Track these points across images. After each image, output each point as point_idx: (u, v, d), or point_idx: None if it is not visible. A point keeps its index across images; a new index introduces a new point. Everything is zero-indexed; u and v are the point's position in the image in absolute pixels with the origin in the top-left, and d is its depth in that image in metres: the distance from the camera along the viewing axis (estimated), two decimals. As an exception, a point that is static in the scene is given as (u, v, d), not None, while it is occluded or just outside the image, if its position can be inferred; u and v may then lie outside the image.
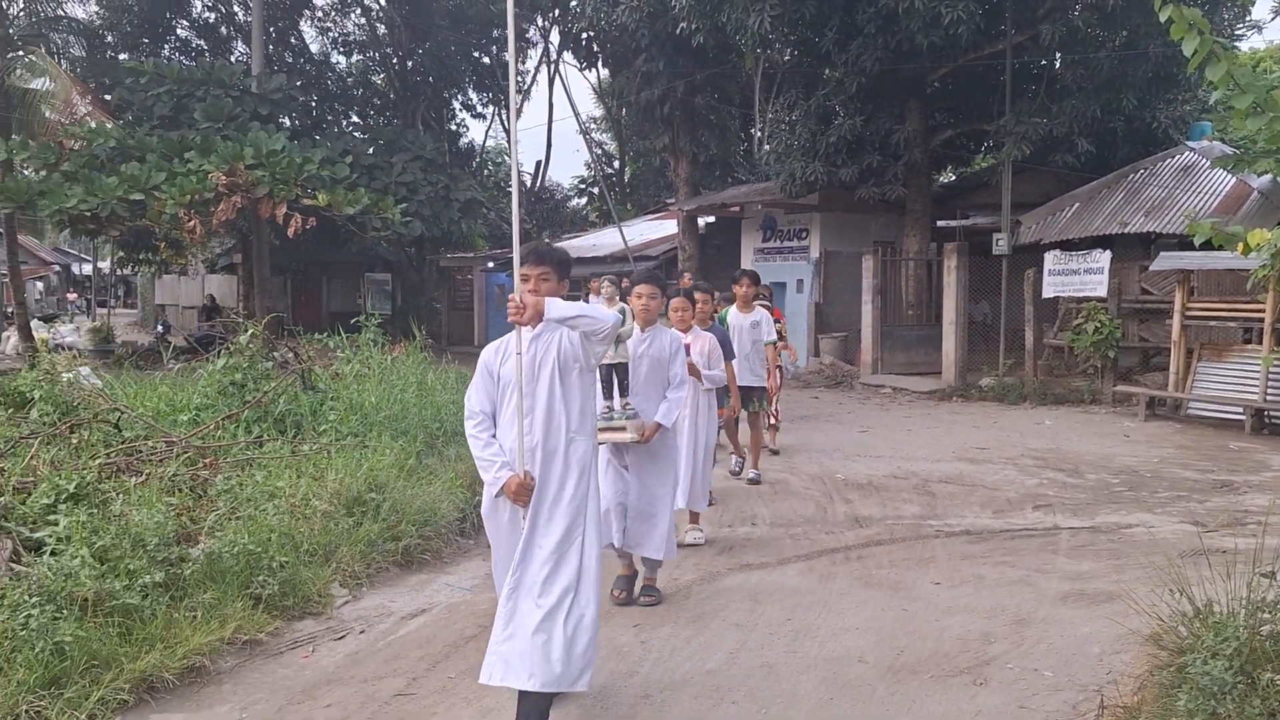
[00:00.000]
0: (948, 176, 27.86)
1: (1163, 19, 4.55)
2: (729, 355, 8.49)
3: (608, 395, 6.11)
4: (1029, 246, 18.37)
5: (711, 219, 26.53)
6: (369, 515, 7.39)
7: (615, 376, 6.15)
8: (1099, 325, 16.14)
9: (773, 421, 11.95)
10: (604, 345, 4.56)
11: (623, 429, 6.10)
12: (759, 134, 28.22)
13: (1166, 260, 14.84)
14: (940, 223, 21.27)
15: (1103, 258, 16.38)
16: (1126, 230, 16.83)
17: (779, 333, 11.68)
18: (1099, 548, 7.76)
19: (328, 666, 5.51)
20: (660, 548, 6.34)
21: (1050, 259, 17.16)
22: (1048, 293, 17.25)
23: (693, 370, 7.47)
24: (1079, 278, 16.69)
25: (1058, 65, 19.30)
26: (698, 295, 8.44)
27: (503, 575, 4.60)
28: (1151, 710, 4.40)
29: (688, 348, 7.39)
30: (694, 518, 8.01)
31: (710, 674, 5.32)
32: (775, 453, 11.85)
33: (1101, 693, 4.78)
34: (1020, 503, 9.43)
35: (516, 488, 4.46)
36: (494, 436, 4.63)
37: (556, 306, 4.32)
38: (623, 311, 6.10)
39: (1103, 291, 16.34)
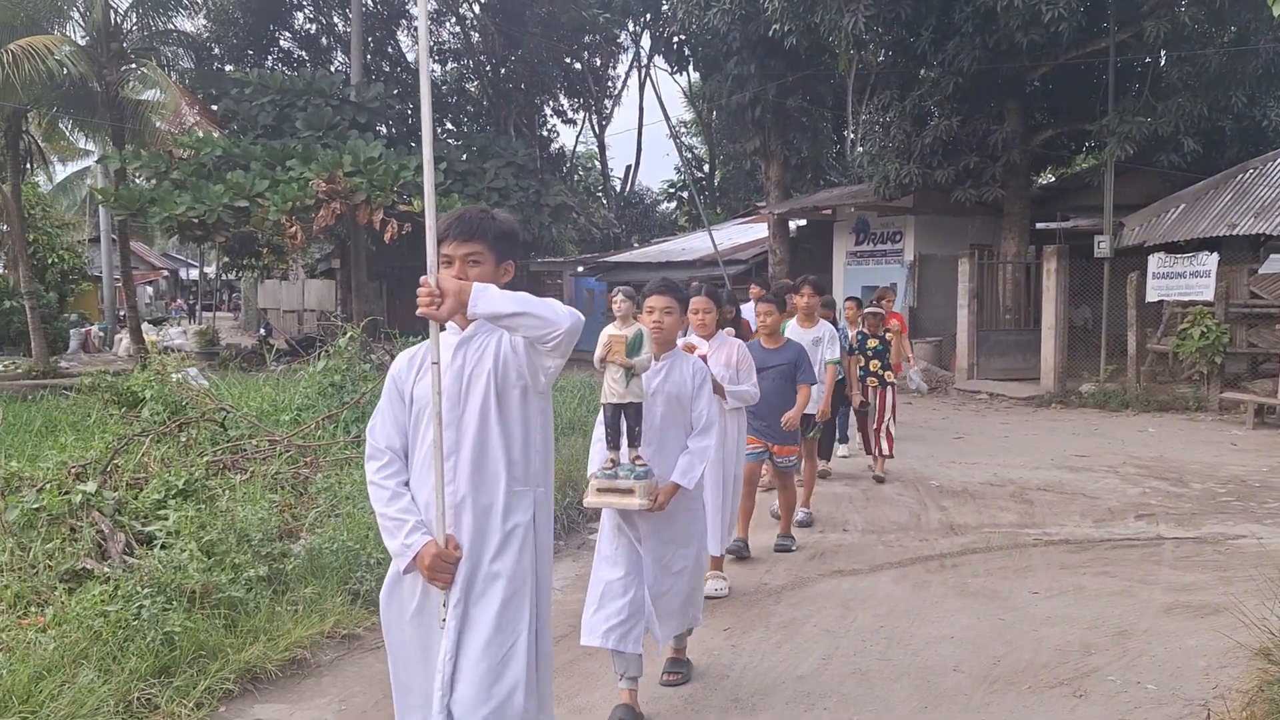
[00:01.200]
0: (1047, 178, 27.32)
1: (1276, 14, 4.42)
2: (807, 378, 7.52)
3: (613, 445, 4.64)
4: (1132, 249, 17.93)
5: (803, 222, 26.36)
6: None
7: (625, 420, 4.61)
8: (1205, 330, 15.69)
9: (885, 450, 10.70)
10: (557, 357, 3.15)
11: (630, 491, 4.63)
12: (852, 136, 27.99)
13: (1277, 263, 14.38)
14: (1039, 225, 20.85)
15: (1209, 260, 15.93)
16: (1235, 232, 16.32)
17: (882, 340, 10.89)
18: (1205, 559, 7.55)
19: (423, 664, 5.59)
20: (684, 619, 5.14)
21: (1154, 262, 16.74)
22: (1152, 296, 16.83)
23: (716, 388, 5.86)
24: (1184, 281, 16.26)
25: (1163, 63, 18.80)
26: (695, 303, 6.31)
27: (412, 706, 3.35)
28: (1260, 726, 4.27)
29: (704, 358, 5.71)
30: (715, 563, 6.71)
31: (801, 680, 5.29)
32: (881, 481, 10.58)
33: (1208, 707, 4.65)
34: (1122, 512, 9.21)
35: (432, 560, 3.16)
36: (405, 485, 3.32)
37: (487, 297, 2.99)
38: (640, 335, 4.57)
39: (1209, 295, 15.89)
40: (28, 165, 26.96)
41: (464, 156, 27.68)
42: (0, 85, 20.61)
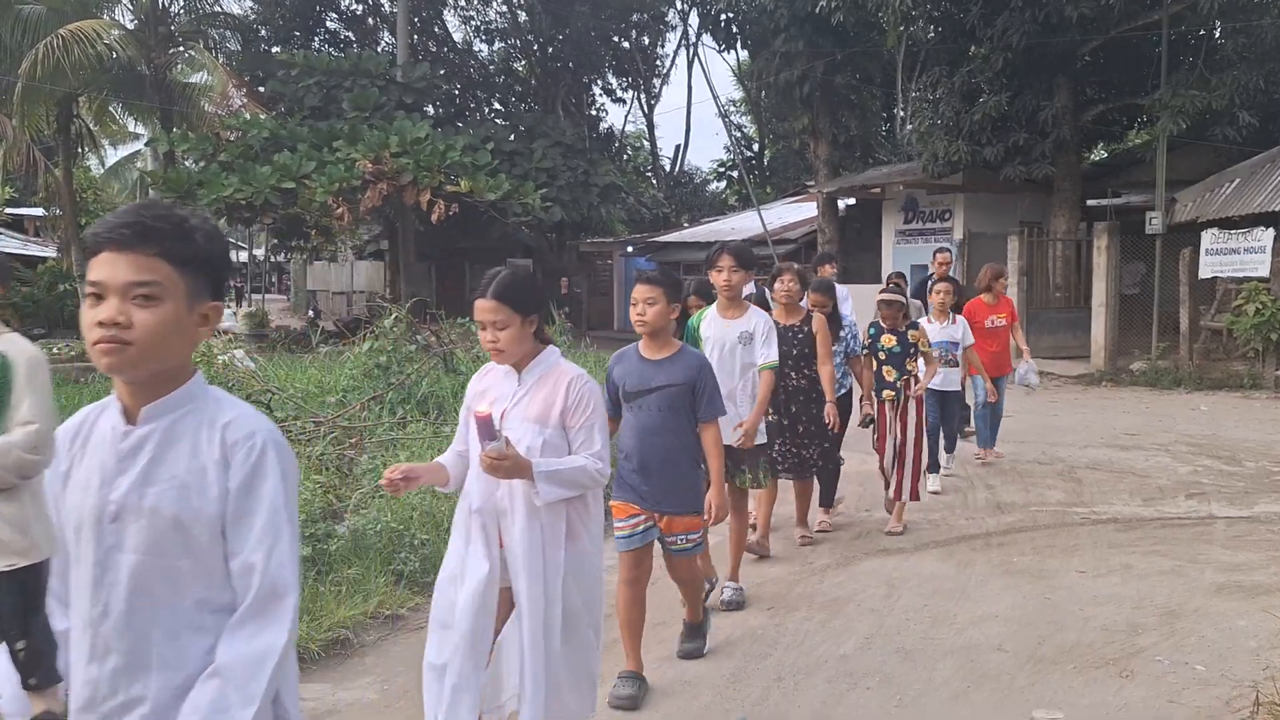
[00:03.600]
0: (1098, 154, 26.90)
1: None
2: (712, 411, 4.79)
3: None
4: (1185, 225, 17.63)
5: (852, 201, 26.19)
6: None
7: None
8: (1260, 307, 15.41)
9: (907, 492, 7.75)
10: None
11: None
12: (901, 114, 27.72)
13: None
14: (1090, 202, 20.58)
15: (1265, 236, 15.65)
16: (1292, 207, 16.02)
17: (903, 339, 7.86)
18: (1257, 538, 7.43)
19: (466, 642, 5.62)
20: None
21: (1208, 238, 16.47)
22: (1205, 273, 16.56)
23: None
24: (1239, 257, 15.99)
25: (1218, 35, 18.43)
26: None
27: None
28: (1311, 708, 4.20)
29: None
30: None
31: (844, 659, 5.26)
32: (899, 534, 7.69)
33: (1257, 689, 4.56)
34: (1173, 490, 9.08)
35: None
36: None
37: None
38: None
39: (1265, 271, 15.61)
40: (79, 149, 27.34)
41: (511, 137, 27.76)
42: (51, 70, 20.90)
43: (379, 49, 33.22)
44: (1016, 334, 10.47)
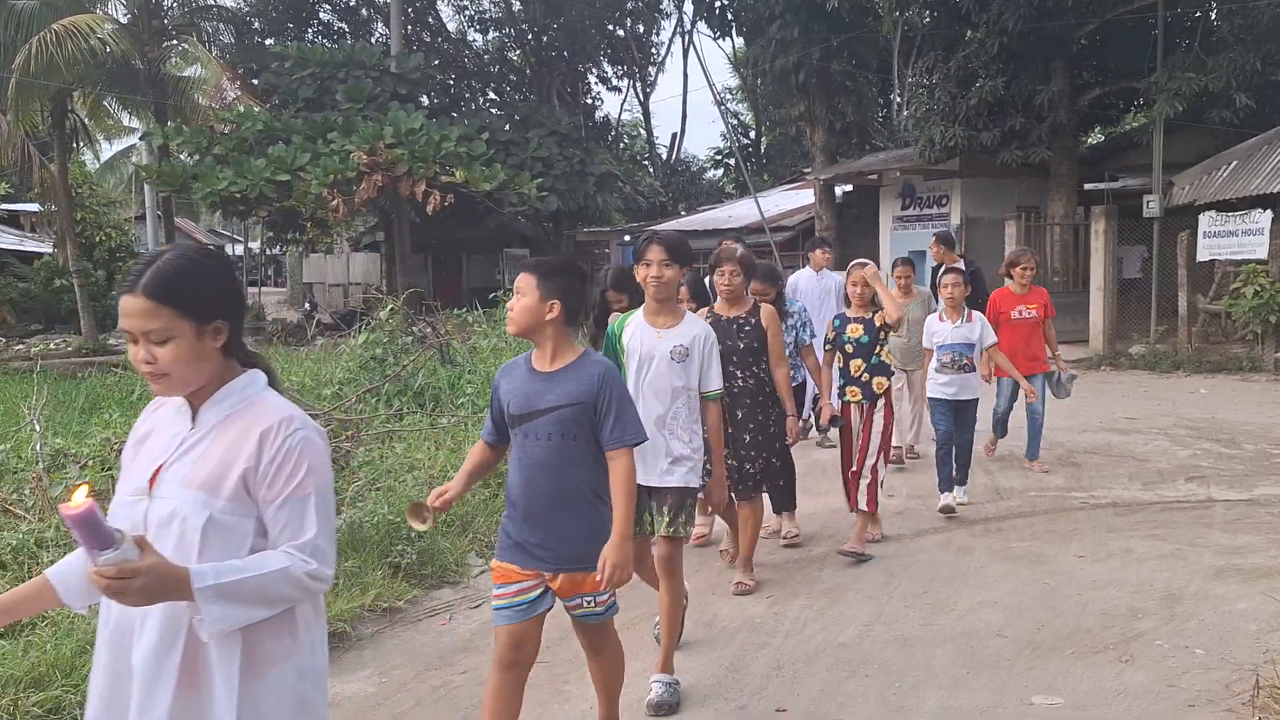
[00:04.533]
0: (1095, 138, 26.85)
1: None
2: (624, 436, 3.71)
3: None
4: (1182, 208, 17.59)
5: (849, 187, 26.14)
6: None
7: None
8: (1259, 289, 15.38)
9: (865, 502, 6.64)
10: None
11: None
12: (897, 99, 27.66)
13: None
14: (1087, 186, 20.54)
15: (1263, 218, 15.61)
16: (1290, 188, 15.98)
17: (870, 328, 6.75)
18: (1257, 521, 7.41)
19: (464, 634, 5.62)
20: None
21: (1205, 220, 16.43)
22: (1203, 256, 16.52)
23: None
24: (1237, 239, 15.95)
25: (1213, 17, 18.38)
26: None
27: None
28: (1311, 691, 4.19)
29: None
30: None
31: (843, 646, 5.25)
32: (858, 559, 6.63)
33: (1257, 672, 4.55)
34: (1172, 474, 9.06)
35: None
36: None
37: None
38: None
39: (1263, 253, 15.57)
40: (74, 144, 27.26)
41: (507, 126, 27.72)
42: (45, 65, 20.81)
43: (373, 40, 33.17)
44: (1048, 334, 9.36)
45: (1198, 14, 18.65)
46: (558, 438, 3.63)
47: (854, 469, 6.70)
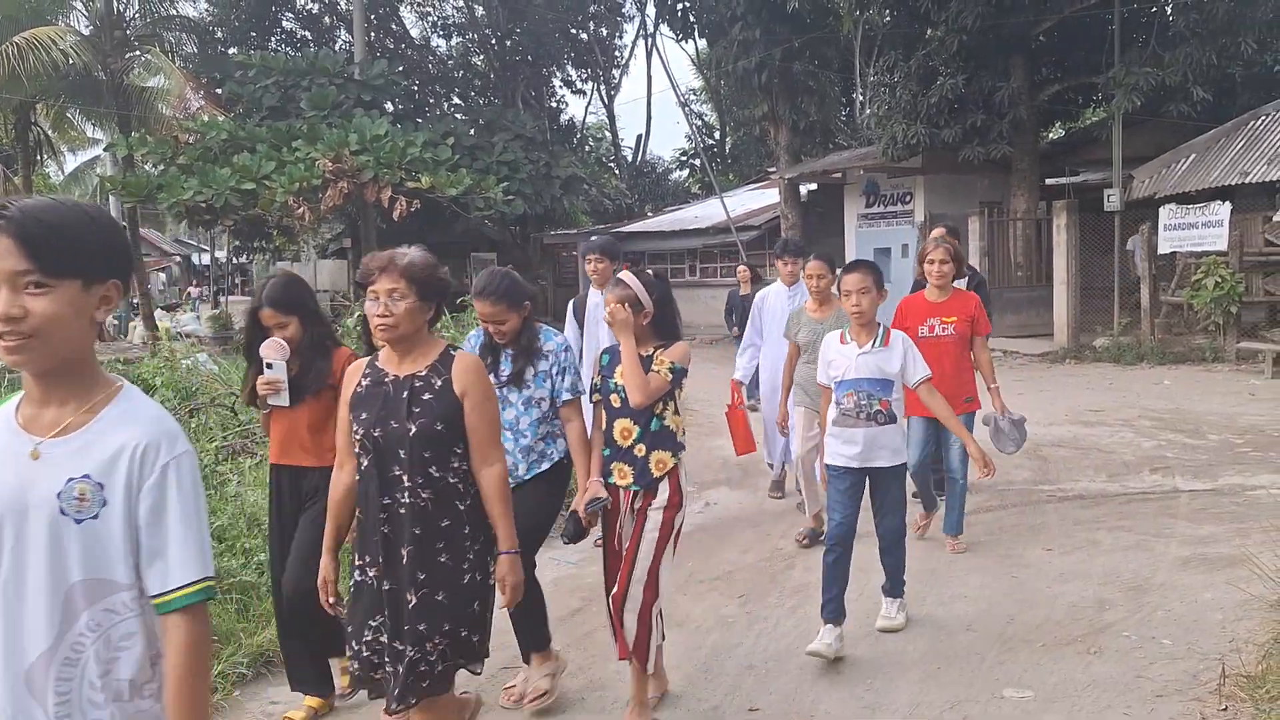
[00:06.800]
0: (1056, 133, 27.10)
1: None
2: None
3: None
4: (1143, 202, 17.79)
5: (814, 186, 26.23)
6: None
7: None
8: (1220, 280, 15.55)
9: (631, 639, 4.25)
10: None
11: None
12: (859, 98, 27.79)
13: (1292, 210, 14.24)
14: (1049, 181, 20.71)
15: (1222, 210, 15.79)
16: (1248, 180, 16.15)
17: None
18: (1221, 511, 7.51)
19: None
20: None
21: (1166, 213, 16.60)
22: (1164, 248, 16.70)
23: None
24: (1197, 232, 16.13)
25: (1169, 11, 18.58)
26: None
27: None
28: (1277, 679, 4.26)
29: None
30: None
31: (816, 645, 5.29)
32: None
33: (1223, 661, 4.63)
34: (1137, 465, 9.17)
35: None
36: None
37: None
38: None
39: (1223, 245, 15.75)
40: (38, 156, 27.05)
41: (472, 131, 27.66)
42: (6, 78, 20.65)
43: (336, 47, 33.03)
44: (979, 358, 6.72)
45: (1153, 9, 18.85)
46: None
47: (615, 591, 4.27)
